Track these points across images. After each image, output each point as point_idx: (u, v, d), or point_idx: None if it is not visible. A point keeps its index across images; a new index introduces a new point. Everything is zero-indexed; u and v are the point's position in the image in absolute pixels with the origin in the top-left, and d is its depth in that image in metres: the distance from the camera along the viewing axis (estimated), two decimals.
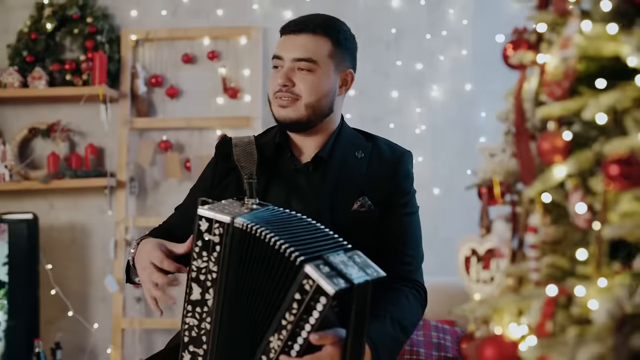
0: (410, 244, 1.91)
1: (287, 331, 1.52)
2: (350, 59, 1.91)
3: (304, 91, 1.81)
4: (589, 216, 1.11)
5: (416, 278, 1.90)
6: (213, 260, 1.59)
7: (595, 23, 1.14)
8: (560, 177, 1.15)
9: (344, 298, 1.51)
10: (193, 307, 1.63)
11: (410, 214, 1.94)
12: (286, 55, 1.83)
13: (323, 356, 1.53)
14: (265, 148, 1.93)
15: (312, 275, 1.48)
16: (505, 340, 1.17)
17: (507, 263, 1.27)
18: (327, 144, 1.89)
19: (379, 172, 1.89)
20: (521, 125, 1.28)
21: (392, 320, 1.73)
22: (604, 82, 1.14)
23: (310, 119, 1.84)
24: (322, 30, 1.84)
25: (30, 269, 3.56)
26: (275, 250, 1.54)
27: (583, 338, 1.05)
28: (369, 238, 1.83)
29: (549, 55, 1.23)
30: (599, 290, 1.07)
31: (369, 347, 1.63)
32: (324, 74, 1.83)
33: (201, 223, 1.59)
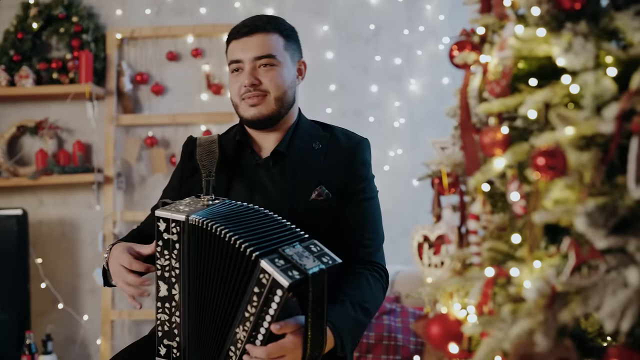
0: (369, 227, 1.95)
1: (251, 322, 1.60)
2: (299, 50, 2.00)
3: (271, 86, 1.88)
4: (524, 203, 1.20)
5: (376, 260, 1.94)
6: (174, 258, 1.68)
7: (527, 27, 1.23)
8: (500, 168, 1.24)
9: (302, 287, 1.58)
10: (162, 303, 1.72)
11: (368, 199, 1.98)
12: (245, 57, 1.89)
13: (286, 343, 1.61)
14: (227, 146, 1.99)
15: (268, 269, 1.56)
16: (450, 319, 1.26)
17: (454, 248, 1.36)
18: (285, 138, 1.95)
19: (336, 161, 1.94)
20: (466, 120, 1.37)
21: (353, 304, 1.78)
22: (535, 80, 1.23)
23: (280, 112, 1.91)
24: (272, 27, 1.92)
25: (20, 263, 3.64)
26: (230, 245, 1.62)
27: (516, 314, 1.15)
28: (329, 225, 1.89)
29: (490, 56, 1.32)
30: (531, 271, 1.17)
31: (331, 332, 1.69)
32: (284, 66, 1.90)
33: (159, 224, 1.68)
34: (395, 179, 3.85)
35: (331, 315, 1.71)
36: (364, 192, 1.97)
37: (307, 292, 1.58)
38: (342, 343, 1.71)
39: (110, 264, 1.81)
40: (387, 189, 3.85)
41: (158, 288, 1.71)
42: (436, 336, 1.25)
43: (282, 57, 1.91)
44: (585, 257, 1.11)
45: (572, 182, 1.14)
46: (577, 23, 1.19)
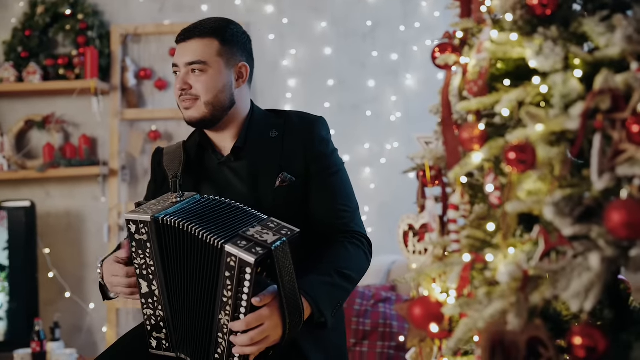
0: (341, 199, 1.97)
1: (230, 306, 1.68)
2: (241, 53, 2.01)
3: (201, 90, 1.93)
4: (499, 194, 1.30)
5: (354, 228, 1.96)
6: (148, 256, 1.76)
7: (502, 31, 1.33)
8: (478, 162, 1.34)
9: (268, 262, 1.66)
10: (146, 299, 1.80)
11: (334, 173, 2.00)
12: (180, 62, 1.95)
13: (263, 312, 1.67)
14: (190, 150, 2.06)
15: (233, 252, 1.65)
16: (431, 300, 1.36)
17: (436, 236, 1.46)
18: (242, 133, 2.00)
19: (293, 145, 1.98)
20: (448, 117, 1.48)
21: (328, 270, 1.82)
22: (509, 81, 1.33)
23: (213, 115, 1.95)
24: (209, 33, 1.95)
25: (29, 253, 3.73)
26: (196, 237, 1.70)
27: (491, 296, 1.25)
28: (300, 209, 1.95)
29: (469, 58, 1.42)
30: (504, 256, 1.27)
31: (305, 299, 1.73)
32: (215, 71, 1.94)
33: (130, 226, 1.76)
34: (392, 172, 3.94)
35: (304, 283, 1.76)
36: (328, 168, 2.00)
37: (273, 264, 1.66)
38: (319, 308, 1.75)
39: (106, 279, 1.89)
40: (384, 181, 3.95)
41: (140, 286, 1.79)
42: (418, 317, 1.35)
43: (214, 62, 1.94)
44: (554, 244, 1.19)
45: (543, 174, 1.24)
46: (548, 28, 1.29)
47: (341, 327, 2.04)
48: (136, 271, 1.79)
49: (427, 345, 1.45)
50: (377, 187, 3.93)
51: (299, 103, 3.95)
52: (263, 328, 1.67)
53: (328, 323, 1.80)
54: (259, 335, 1.67)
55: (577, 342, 1.14)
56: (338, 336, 2.01)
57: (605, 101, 1.16)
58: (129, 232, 1.77)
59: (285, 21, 4.01)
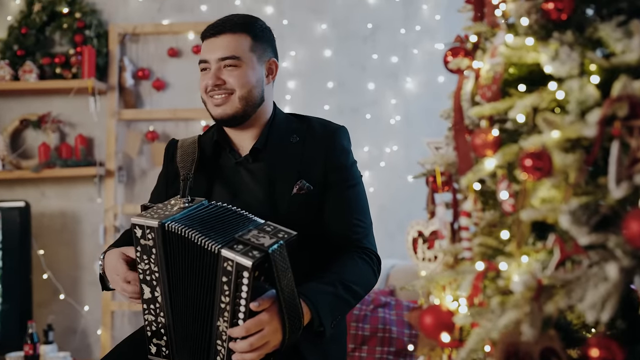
0: (356, 214, 1.95)
1: (228, 312, 1.66)
2: (270, 50, 2.01)
3: (235, 85, 1.91)
4: (513, 202, 1.28)
5: (366, 245, 1.94)
6: (153, 262, 1.74)
7: (517, 35, 1.31)
8: (491, 168, 1.31)
9: (265, 265, 1.63)
10: (147, 305, 1.78)
11: (352, 186, 1.98)
12: (211, 57, 1.93)
13: (262, 317, 1.64)
14: (205, 147, 2.03)
15: (229, 256, 1.62)
16: (443, 310, 1.34)
17: (447, 243, 1.44)
18: (262, 134, 1.99)
19: (314, 152, 1.96)
20: (460, 122, 1.45)
21: (332, 280, 1.80)
22: (524, 86, 1.31)
23: (245, 111, 1.94)
24: (240, 28, 1.94)
25: (22, 254, 3.69)
26: (196, 244, 1.68)
27: (504, 306, 1.22)
28: (314, 218, 1.93)
29: (482, 62, 1.39)
30: (518, 265, 1.24)
31: (305, 304, 1.71)
32: (248, 67, 1.93)
33: (136, 230, 1.74)
34: (391, 175, 3.92)
35: (305, 289, 1.74)
36: (347, 180, 1.97)
37: (271, 268, 1.63)
38: (319, 314, 1.73)
39: (107, 272, 1.87)
40: (383, 184, 3.93)
41: (142, 291, 1.77)
42: (429, 326, 1.32)
43: (247, 57, 1.93)
44: (569, 253, 1.17)
45: (558, 182, 1.22)
46: (564, 33, 1.26)
47: (342, 340, 2.02)
48: (139, 276, 1.77)
49: (436, 354, 1.42)
50: (376, 190, 3.91)
51: (298, 105, 3.92)
52: (263, 333, 1.65)
53: (326, 332, 1.77)
54: (259, 340, 1.65)
55: (594, 354, 1.12)
56: (338, 349, 1.98)
57: (623, 108, 1.14)
58: (134, 236, 1.75)
59: (285, 22, 3.98)
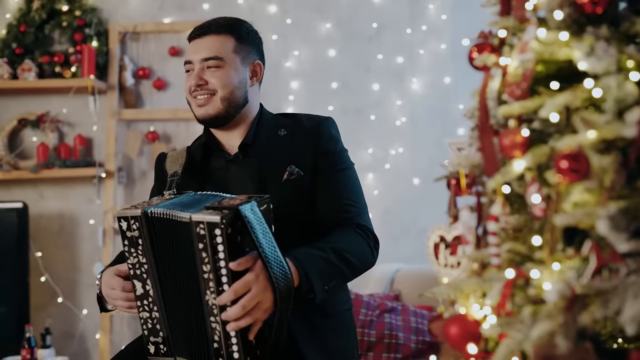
0: (348, 194, 1.94)
1: (212, 281, 1.60)
2: (255, 52, 2.02)
3: (217, 86, 1.93)
4: (544, 206, 1.21)
5: (360, 222, 1.92)
6: (140, 253, 1.71)
7: (549, 30, 1.24)
8: (519, 170, 1.24)
9: (239, 223, 1.58)
10: (141, 301, 1.74)
11: (342, 169, 1.98)
12: (195, 58, 1.95)
13: (248, 277, 1.59)
14: (195, 152, 2.05)
15: (199, 218, 1.58)
16: (469, 319, 1.27)
17: (471, 249, 1.37)
18: (250, 131, 2.00)
19: (303, 142, 1.96)
20: (485, 122, 1.38)
21: (324, 247, 1.77)
22: (557, 84, 1.24)
23: (228, 111, 1.95)
24: (224, 29, 1.96)
25: (20, 256, 3.63)
26: (173, 221, 1.66)
27: (536, 316, 1.15)
28: (307, 205, 1.92)
29: (510, 59, 1.33)
30: (551, 273, 1.17)
31: (293, 264, 1.67)
32: (231, 68, 1.94)
33: (122, 224, 1.72)
34: (396, 178, 3.86)
35: (292, 252, 1.71)
36: (336, 165, 1.97)
37: (245, 226, 1.58)
38: (307, 275, 1.68)
39: (105, 293, 1.85)
40: (388, 187, 3.87)
41: (134, 287, 1.74)
42: (455, 336, 1.26)
43: (230, 58, 1.95)
44: (607, 261, 1.11)
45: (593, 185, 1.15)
46: (598, 27, 1.20)
47: (347, 330, 1.97)
48: (130, 271, 1.74)
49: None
50: (380, 193, 3.84)
51: (302, 106, 3.85)
52: (252, 293, 1.59)
53: (317, 297, 1.72)
54: (250, 301, 1.59)
55: None
56: (345, 340, 1.94)
57: None
58: (120, 231, 1.73)
59: (289, 21, 3.91)
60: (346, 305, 2.00)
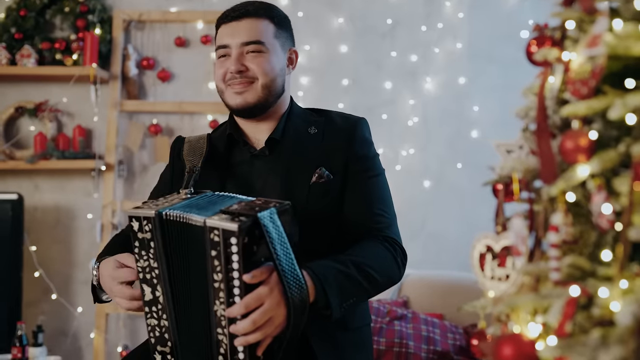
0: (378, 204, 1.84)
1: (222, 291, 1.50)
2: (291, 38, 1.94)
3: (259, 73, 1.82)
4: (613, 217, 1.09)
5: (389, 234, 1.82)
6: (152, 257, 1.60)
7: (626, 21, 1.12)
8: (583, 176, 1.13)
9: (256, 232, 1.49)
10: (149, 308, 1.64)
11: (374, 176, 1.88)
12: (233, 42, 1.82)
13: (261, 290, 1.50)
14: (217, 143, 1.93)
15: (214, 224, 1.48)
16: (524, 339, 1.15)
17: (524, 261, 1.25)
18: (279, 126, 1.88)
19: (334, 143, 1.86)
20: (543, 122, 1.26)
21: (345, 260, 1.68)
22: (633, 82, 1.12)
23: (267, 100, 1.84)
24: (263, 13, 1.85)
25: (13, 250, 3.49)
26: (187, 224, 1.54)
27: (606, 340, 1.04)
28: (335, 209, 1.82)
29: (574, 53, 1.21)
30: (622, 292, 1.06)
31: (309, 276, 1.58)
32: (272, 54, 1.84)
33: (133, 224, 1.60)
34: (407, 179, 3.74)
35: (310, 264, 1.61)
36: (369, 170, 1.86)
37: (263, 235, 1.48)
38: (324, 290, 1.58)
39: (103, 283, 1.73)
40: (398, 189, 3.74)
41: (143, 292, 1.63)
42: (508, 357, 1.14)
43: (271, 44, 1.84)
44: None
45: None
46: None
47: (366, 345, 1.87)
48: (139, 275, 1.62)
49: None
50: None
51: (311, 102, 3.73)
52: (264, 308, 1.49)
53: (334, 314, 1.61)
54: (261, 316, 1.49)
55: None
56: (364, 355, 1.84)
57: None
58: (131, 231, 1.61)
59: (300, 15, 3.79)
60: (367, 320, 1.90)
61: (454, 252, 3.68)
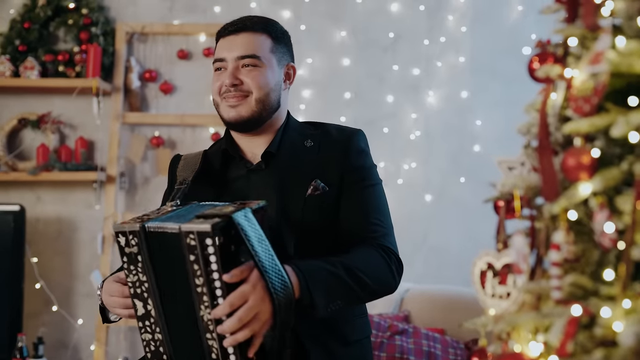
0: (375, 213, 1.83)
1: (206, 294, 1.50)
2: (289, 54, 1.94)
3: (253, 87, 1.82)
4: (615, 236, 1.09)
5: (384, 243, 1.80)
6: (140, 271, 1.60)
7: (629, 39, 1.11)
8: (585, 194, 1.12)
9: (232, 232, 1.49)
10: (143, 322, 1.64)
11: (370, 186, 1.87)
12: (229, 56, 1.84)
13: (244, 288, 1.50)
14: (213, 158, 1.94)
15: (189, 229, 1.49)
16: (525, 358, 1.14)
17: (525, 279, 1.24)
18: (275, 139, 1.89)
19: (330, 155, 1.86)
20: (545, 139, 1.25)
21: (334, 261, 1.67)
22: (636, 99, 1.11)
23: (261, 115, 1.84)
24: (261, 28, 1.86)
25: (15, 261, 3.49)
26: (167, 234, 1.55)
27: None
28: (330, 221, 1.81)
29: (577, 70, 1.20)
30: (625, 312, 1.05)
31: (294, 272, 1.58)
32: (268, 68, 1.84)
33: (120, 239, 1.61)
34: (408, 193, 3.73)
35: (297, 262, 1.62)
36: (364, 180, 1.85)
37: (239, 234, 1.49)
38: (308, 285, 1.58)
39: (107, 303, 1.74)
40: (399, 203, 3.74)
41: (135, 307, 1.64)
42: None
43: (267, 58, 1.85)
44: None
45: None
46: None
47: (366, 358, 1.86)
48: (130, 290, 1.63)
49: None
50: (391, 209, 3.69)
51: (313, 115, 3.73)
52: (249, 305, 1.49)
53: (319, 310, 1.60)
54: (247, 313, 1.48)
55: None
56: None
57: None
58: (118, 247, 1.62)
59: (303, 28, 3.79)
60: (366, 332, 1.89)
61: (455, 267, 3.67)
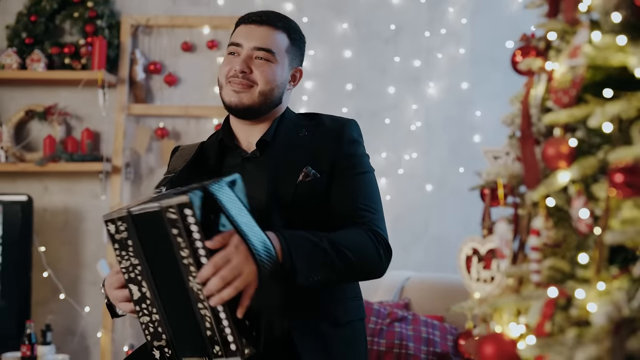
0: (364, 199, 1.86)
1: (193, 265, 1.55)
2: (300, 57, 1.99)
3: (260, 79, 1.86)
4: (591, 221, 1.13)
5: (373, 227, 1.83)
6: (132, 255, 1.64)
7: (604, 34, 1.16)
8: (564, 182, 1.17)
9: (210, 202, 1.55)
10: (139, 306, 1.67)
11: (361, 173, 1.90)
12: (246, 43, 1.87)
13: (226, 249, 1.55)
14: (209, 149, 1.98)
15: (167, 203, 1.54)
16: (505, 339, 1.19)
17: (507, 264, 1.29)
18: (270, 128, 1.93)
19: (322, 143, 1.89)
20: (527, 130, 1.30)
21: (319, 234, 1.72)
22: (610, 91, 1.16)
23: (261, 107, 1.88)
24: (283, 26, 1.91)
25: (23, 250, 3.56)
26: (150, 214, 1.59)
27: (581, 339, 1.08)
28: (321, 207, 1.85)
29: (557, 63, 1.25)
30: (598, 294, 1.10)
31: (277, 237, 1.64)
32: (279, 66, 1.88)
33: (109, 228, 1.65)
34: (409, 184, 3.78)
35: (280, 230, 1.67)
36: (355, 168, 1.88)
37: (216, 204, 1.55)
38: (289, 249, 1.63)
39: (111, 297, 1.77)
40: (400, 193, 3.79)
41: (131, 292, 1.68)
42: (490, 356, 1.18)
43: (280, 56, 1.89)
44: None
45: None
46: None
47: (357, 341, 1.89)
48: (124, 276, 1.67)
49: None
50: (392, 199, 3.77)
51: (315, 107, 3.78)
52: (232, 264, 1.54)
53: (300, 278, 1.65)
54: (230, 272, 1.53)
55: None
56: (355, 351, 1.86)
57: None
58: (109, 235, 1.66)
59: (305, 20, 3.83)
60: (359, 315, 1.92)
61: (455, 256, 3.71)
